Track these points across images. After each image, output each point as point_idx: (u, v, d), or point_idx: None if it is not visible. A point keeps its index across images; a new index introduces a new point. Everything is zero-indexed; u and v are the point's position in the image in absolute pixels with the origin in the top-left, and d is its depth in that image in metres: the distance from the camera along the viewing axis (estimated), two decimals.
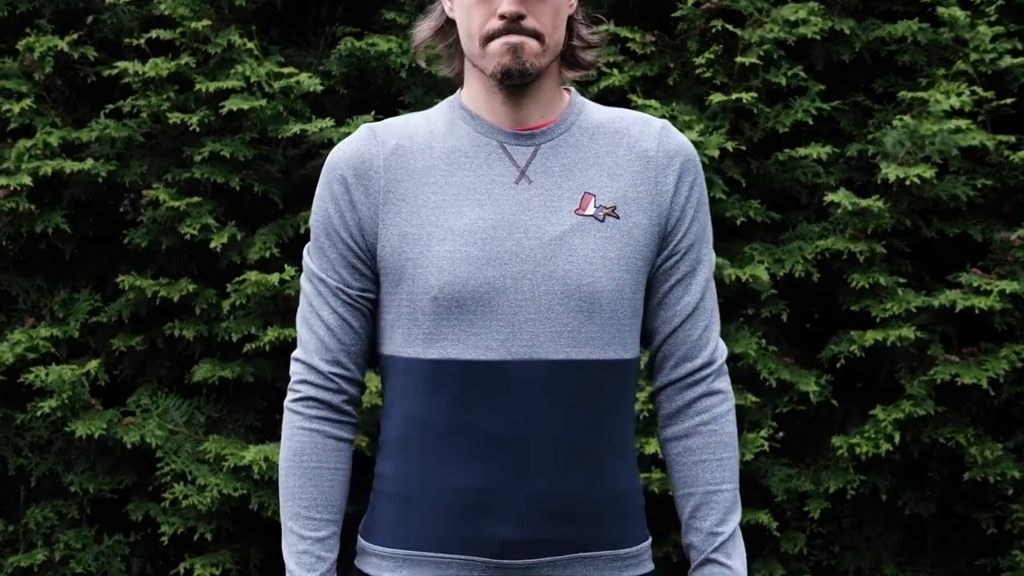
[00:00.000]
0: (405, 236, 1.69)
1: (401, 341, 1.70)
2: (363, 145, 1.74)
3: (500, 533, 1.67)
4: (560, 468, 1.67)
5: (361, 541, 1.77)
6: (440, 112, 1.79)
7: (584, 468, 1.69)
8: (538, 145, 1.73)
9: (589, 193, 1.71)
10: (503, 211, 1.68)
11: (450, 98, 1.80)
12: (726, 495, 1.77)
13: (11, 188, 3.50)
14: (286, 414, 1.76)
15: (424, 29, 1.85)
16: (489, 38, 1.69)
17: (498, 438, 1.65)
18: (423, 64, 1.92)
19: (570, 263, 1.68)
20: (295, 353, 1.76)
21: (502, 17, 1.67)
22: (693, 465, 1.77)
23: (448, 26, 1.80)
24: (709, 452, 1.76)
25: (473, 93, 1.76)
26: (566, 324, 1.67)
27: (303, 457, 1.74)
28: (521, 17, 1.67)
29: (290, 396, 1.76)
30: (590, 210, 1.70)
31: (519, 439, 1.65)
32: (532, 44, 1.68)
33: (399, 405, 1.72)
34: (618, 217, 1.71)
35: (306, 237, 3.62)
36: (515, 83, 1.69)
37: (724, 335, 3.53)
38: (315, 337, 1.73)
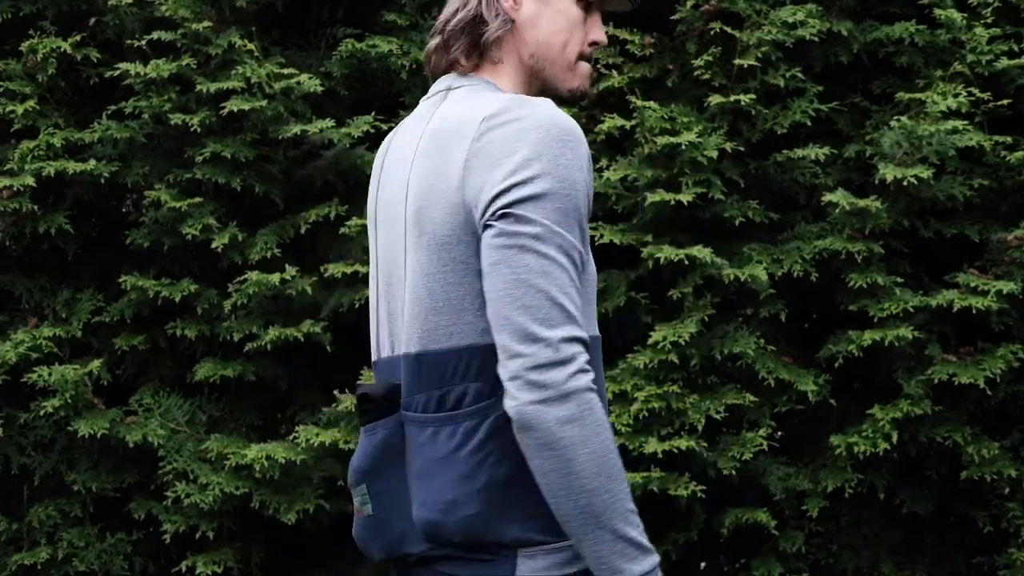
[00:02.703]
0: None
1: (587, 322, 1.68)
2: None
3: None
4: None
5: None
6: None
7: None
8: None
9: None
10: None
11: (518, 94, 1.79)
12: None
13: (14, 189, 3.51)
14: (588, 396, 1.59)
15: (456, 21, 1.80)
16: (581, 58, 1.80)
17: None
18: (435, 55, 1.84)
19: None
20: (570, 331, 1.60)
21: (592, 44, 1.80)
22: None
23: (481, 21, 1.79)
24: None
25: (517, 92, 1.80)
26: None
27: (614, 447, 1.62)
28: None
29: (585, 378, 1.60)
30: None
31: None
32: None
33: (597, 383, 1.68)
34: None
35: (307, 237, 3.66)
36: (576, 103, 1.79)
37: (724, 334, 3.55)
38: (579, 312, 1.62)
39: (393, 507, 1.72)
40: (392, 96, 3.76)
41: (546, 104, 1.66)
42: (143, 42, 3.55)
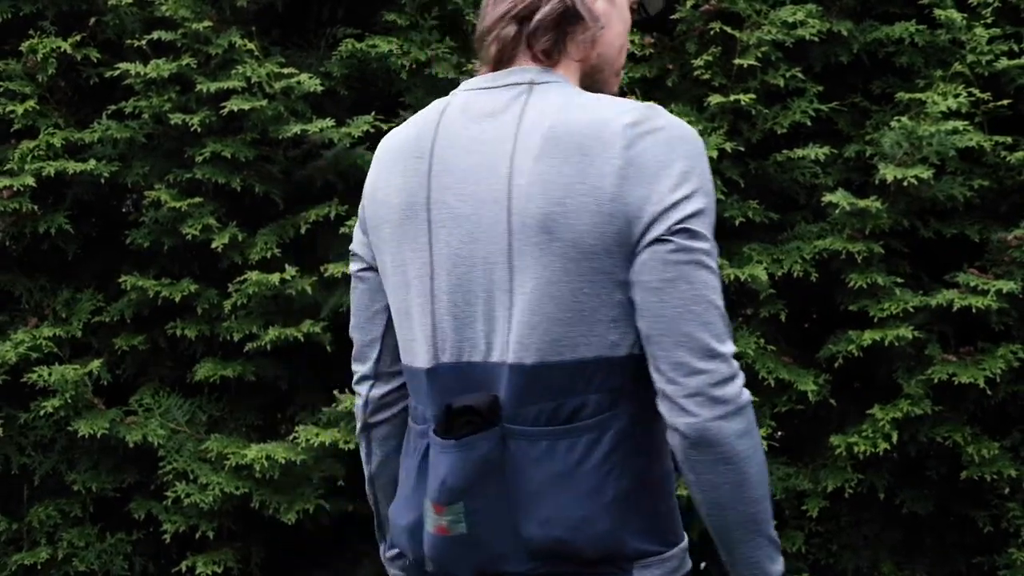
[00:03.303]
0: None
1: None
2: None
3: None
4: None
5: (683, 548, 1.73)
6: None
7: None
8: None
9: None
10: None
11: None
12: None
13: (14, 189, 3.51)
14: (751, 407, 1.66)
15: (548, 11, 1.72)
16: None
17: None
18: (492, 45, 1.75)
19: None
20: (733, 346, 1.64)
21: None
22: None
23: (575, 15, 1.74)
24: None
25: None
26: None
27: None
28: None
29: (747, 390, 1.66)
30: None
31: None
32: None
33: None
34: None
35: (307, 237, 3.66)
36: None
37: None
38: None
39: (490, 525, 1.64)
40: (392, 96, 3.76)
41: (669, 113, 1.66)
42: (143, 42, 3.55)
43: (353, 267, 1.81)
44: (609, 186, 1.60)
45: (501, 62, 1.73)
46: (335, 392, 3.48)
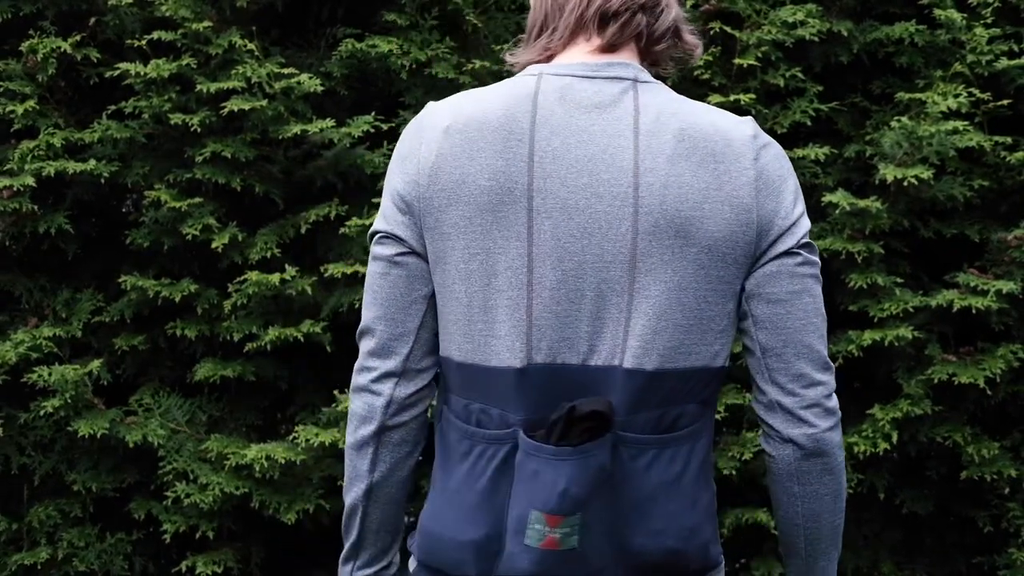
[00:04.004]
0: None
1: None
2: None
3: None
4: None
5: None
6: None
7: None
8: None
9: None
10: None
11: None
12: None
13: (14, 189, 3.51)
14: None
15: (671, 21, 1.74)
16: None
17: None
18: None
19: None
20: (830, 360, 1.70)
21: None
22: None
23: (680, 28, 1.77)
24: None
25: None
26: None
27: None
28: None
29: None
30: None
31: None
32: None
33: None
34: None
35: (307, 237, 3.66)
36: None
37: None
38: None
39: (595, 538, 1.57)
40: (392, 96, 3.76)
41: None
42: (143, 42, 3.55)
43: (386, 251, 1.63)
44: (746, 196, 1.60)
45: (611, 48, 1.67)
46: (335, 392, 3.48)
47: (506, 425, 1.58)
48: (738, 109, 3.58)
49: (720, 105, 3.54)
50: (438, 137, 1.60)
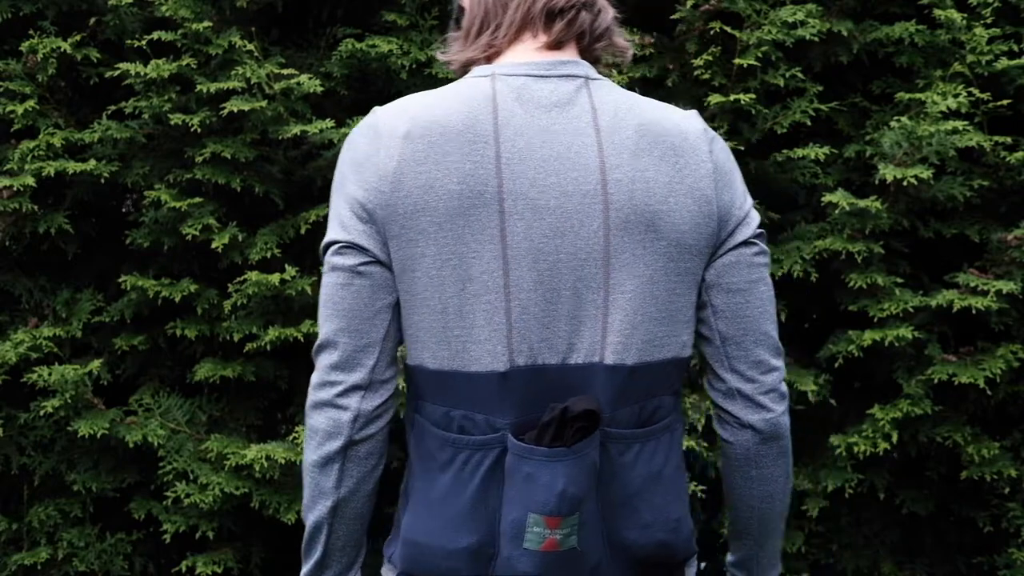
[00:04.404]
0: None
1: None
2: None
3: None
4: None
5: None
6: None
7: None
8: None
9: None
10: None
11: None
12: None
13: (14, 189, 3.51)
14: None
15: (609, 20, 1.77)
16: None
17: None
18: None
19: None
20: None
21: None
22: None
23: (613, 27, 1.80)
24: None
25: None
26: None
27: None
28: None
29: None
30: None
31: None
32: None
33: None
34: None
35: (307, 237, 3.66)
36: None
37: None
38: None
39: (589, 536, 1.57)
40: (392, 96, 3.75)
41: None
42: (143, 42, 3.56)
43: (347, 261, 1.60)
44: (706, 188, 1.63)
45: (557, 45, 1.67)
46: None
47: (493, 430, 1.57)
48: (738, 109, 3.59)
49: (720, 105, 3.55)
50: (398, 143, 1.58)
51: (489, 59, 1.70)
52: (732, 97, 3.52)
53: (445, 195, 1.56)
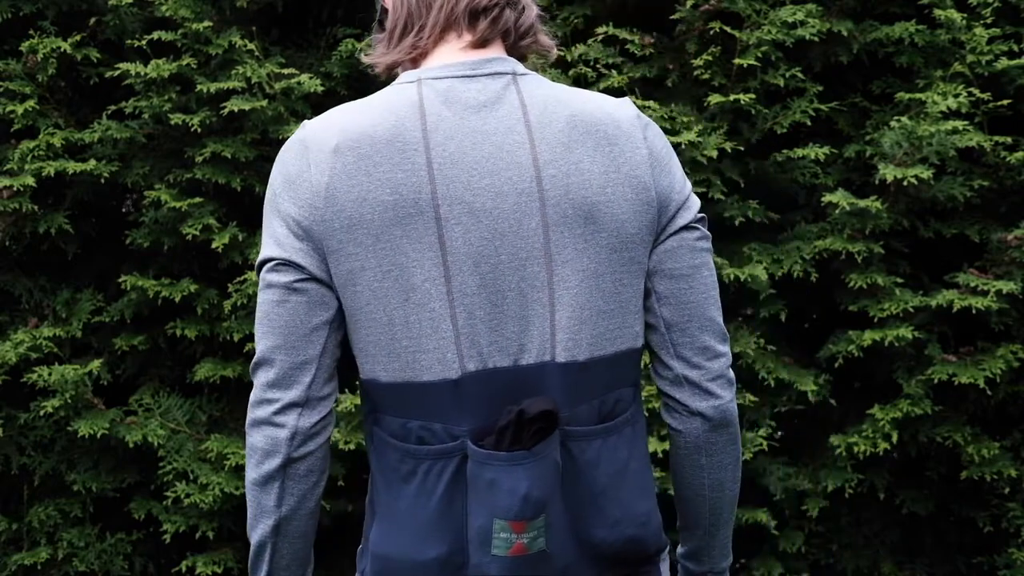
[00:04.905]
0: None
1: None
2: None
3: None
4: None
5: None
6: None
7: None
8: None
9: None
10: None
11: None
12: None
13: (14, 189, 3.51)
14: None
15: (533, 17, 1.74)
16: None
17: None
18: None
19: None
20: None
21: None
22: None
23: (539, 24, 1.77)
24: None
25: None
26: None
27: None
28: None
29: None
30: None
31: None
32: None
33: None
34: None
35: None
36: None
37: None
38: None
39: (558, 536, 1.56)
40: None
41: None
42: (143, 42, 3.56)
43: (283, 278, 1.56)
44: (644, 175, 1.61)
45: (482, 44, 1.65)
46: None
47: (452, 438, 1.55)
48: (738, 109, 3.59)
49: (720, 105, 3.55)
50: (327, 158, 1.56)
51: (415, 60, 1.69)
52: (732, 97, 3.52)
53: (379, 207, 1.54)
